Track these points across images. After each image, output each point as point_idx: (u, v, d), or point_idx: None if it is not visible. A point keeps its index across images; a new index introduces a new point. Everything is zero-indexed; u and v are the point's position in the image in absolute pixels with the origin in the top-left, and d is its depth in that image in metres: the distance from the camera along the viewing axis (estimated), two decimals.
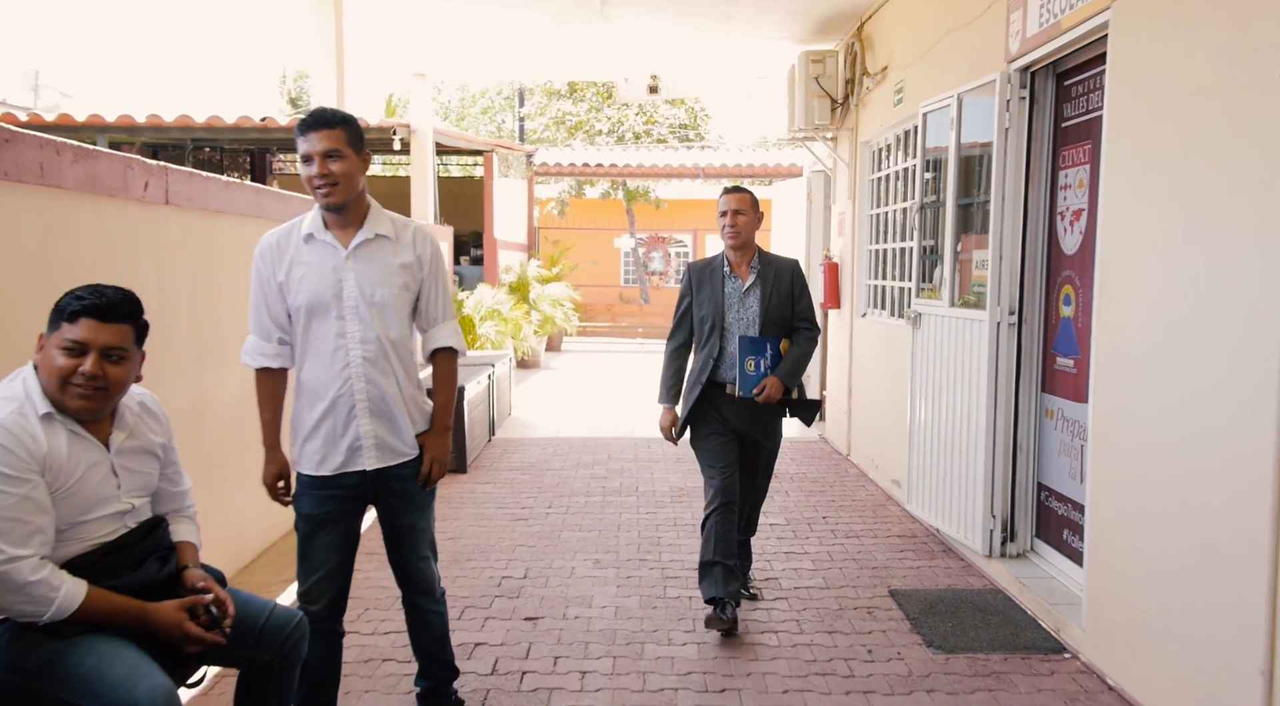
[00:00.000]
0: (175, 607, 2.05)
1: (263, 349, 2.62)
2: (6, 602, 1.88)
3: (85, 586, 1.96)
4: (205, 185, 4.17)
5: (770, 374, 3.75)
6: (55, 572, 1.93)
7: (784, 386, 3.76)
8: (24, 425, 1.95)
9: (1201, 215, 2.83)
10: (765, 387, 3.72)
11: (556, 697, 3.20)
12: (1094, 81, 3.87)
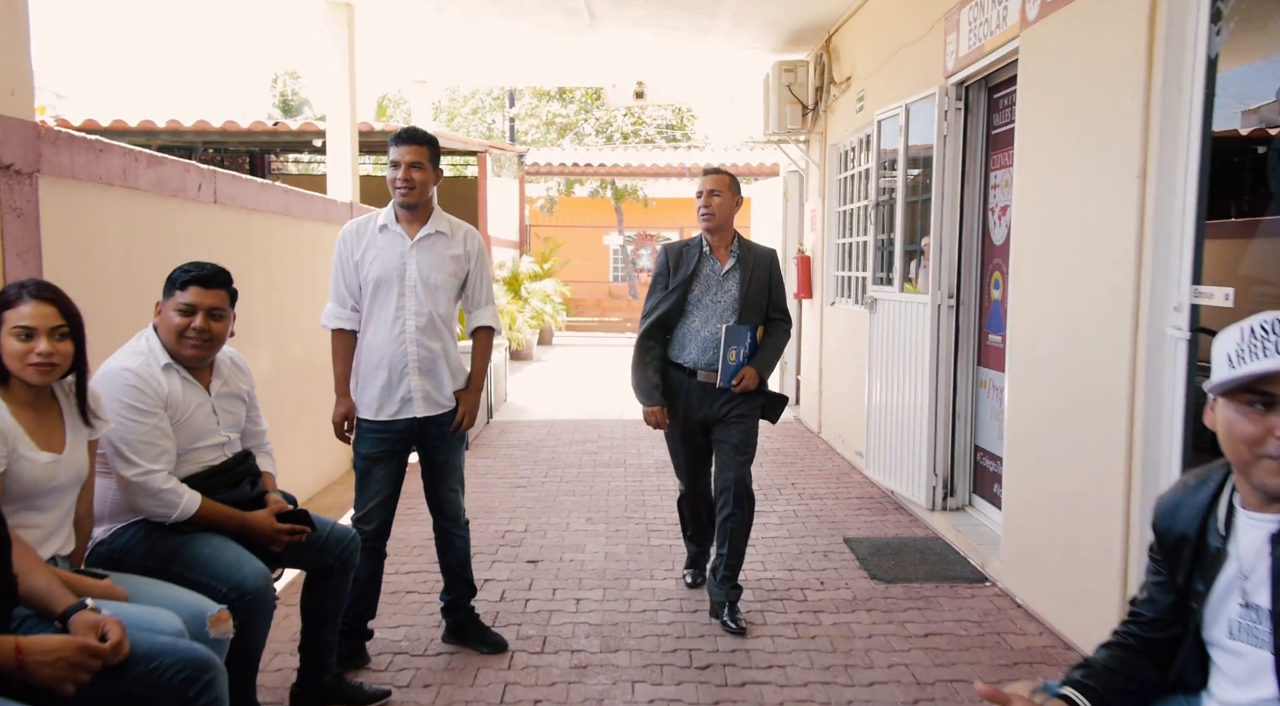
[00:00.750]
0: (267, 514, 2.65)
1: (339, 313, 3.23)
2: (144, 505, 2.48)
3: (200, 496, 2.56)
4: (245, 187, 4.76)
5: (748, 363, 3.73)
6: (178, 485, 2.53)
7: (760, 377, 3.73)
8: (150, 372, 2.55)
9: (1080, 208, 3.47)
10: (743, 378, 3.69)
11: (555, 617, 3.81)
12: (1016, 96, 4.50)
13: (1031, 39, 3.85)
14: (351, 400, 3.24)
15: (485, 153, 12.98)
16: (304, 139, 9.67)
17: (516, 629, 3.66)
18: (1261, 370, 1.42)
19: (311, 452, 5.66)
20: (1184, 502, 1.68)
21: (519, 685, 3.19)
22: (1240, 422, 1.47)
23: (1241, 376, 1.44)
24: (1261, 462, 1.47)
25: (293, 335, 5.38)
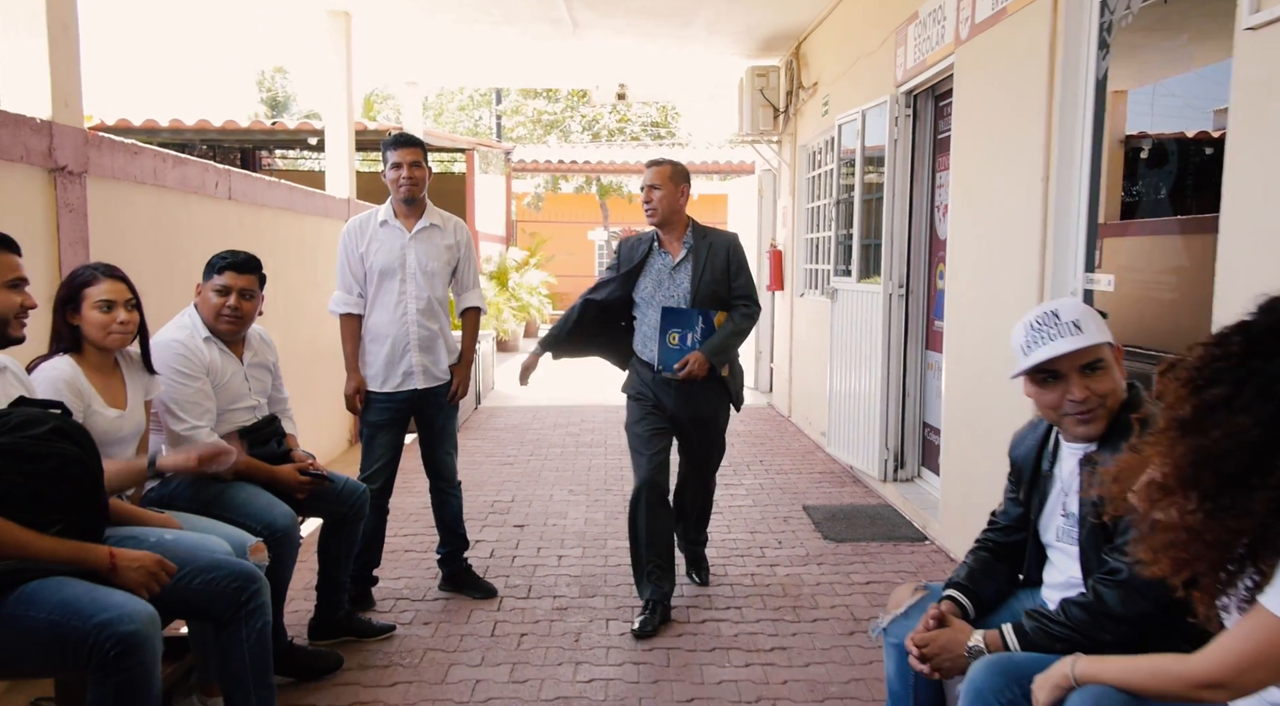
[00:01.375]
0: (291, 468, 3.10)
1: (346, 300, 3.68)
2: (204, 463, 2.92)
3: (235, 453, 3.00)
4: (255, 185, 5.19)
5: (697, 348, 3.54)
6: (219, 440, 2.97)
7: (709, 363, 3.50)
8: (194, 343, 2.99)
9: (1000, 206, 3.95)
10: (687, 363, 3.49)
11: (539, 570, 4.27)
12: None
13: (964, 56, 4.33)
14: (361, 375, 3.69)
15: (473, 150, 13.40)
16: (299, 137, 10.06)
17: (505, 579, 4.12)
18: (1042, 358, 1.90)
19: (314, 431, 6.08)
20: (1026, 437, 2.17)
21: (507, 622, 3.65)
22: (1041, 395, 1.96)
23: (1030, 364, 1.92)
24: (1065, 419, 1.95)
25: (297, 322, 5.81)
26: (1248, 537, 1.28)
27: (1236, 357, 1.31)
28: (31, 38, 3.24)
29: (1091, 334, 1.88)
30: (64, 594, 2.02)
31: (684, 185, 3.68)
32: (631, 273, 3.68)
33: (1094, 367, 1.91)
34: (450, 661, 3.29)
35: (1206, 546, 1.31)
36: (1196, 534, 1.31)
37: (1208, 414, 1.30)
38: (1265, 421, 1.26)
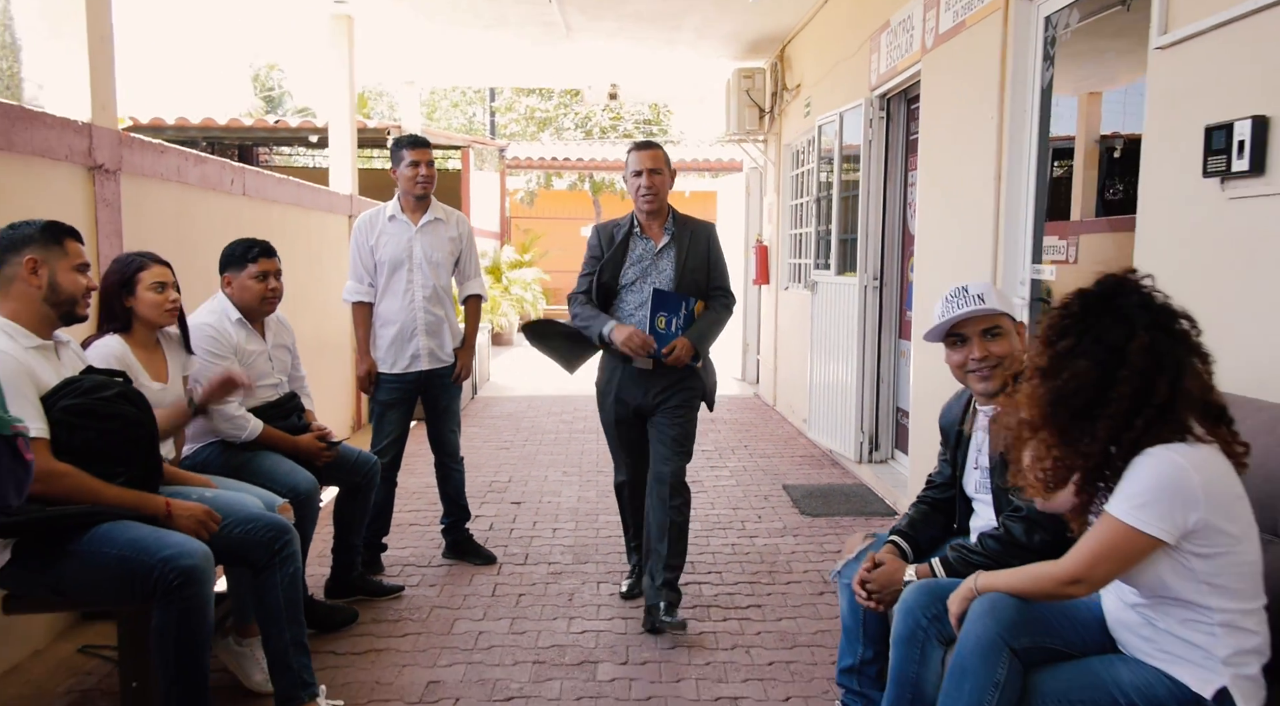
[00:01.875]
0: (310, 438, 3.42)
1: (358, 289, 3.99)
2: (222, 428, 3.23)
3: (261, 423, 3.32)
4: (266, 181, 5.50)
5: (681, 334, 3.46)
6: (247, 413, 3.28)
7: (694, 350, 3.44)
8: (224, 326, 3.30)
9: (960, 202, 4.29)
10: (675, 348, 3.41)
11: (535, 541, 4.60)
12: None
13: (929, 63, 4.67)
14: (373, 358, 4.01)
15: (468, 147, 13.70)
16: (300, 135, 10.35)
17: (503, 549, 4.44)
18: (947, 321, 2.26)
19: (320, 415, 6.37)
20: (952, 407, 2.52)
21: (506, 585, 3.98)
22: (951, 355, 2.33)
23: (942, 326, 2.28)
24: (969, 376, 2.31)
25: (303, 312, 6.11)
26: (1096, 459, 1.63)
27: (1076, 317, 1.66)
28: (74, 46, 3.55)
29: (992, 304, 2.25)
30: (131, 534, 2.34)
31: (674, 171, 3.65)
32: (615, 258, 3.53)
33: (993, 333, 2.30)
34: (455, 617, 3.62)
35: (1067, 469, 1.65)
36: (1059, 460, 1.65)
37: (1058, 361, 1.65)
38: (1100, 363, 1.62)
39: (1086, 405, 1.63)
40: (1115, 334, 1.66)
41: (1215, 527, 1.62)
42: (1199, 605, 1.66)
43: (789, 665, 3.21)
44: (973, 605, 1.83)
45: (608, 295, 3.58)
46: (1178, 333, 1.69)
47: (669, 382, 3.52)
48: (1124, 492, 1.65)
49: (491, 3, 7.00)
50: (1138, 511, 1.62)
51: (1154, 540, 1.62)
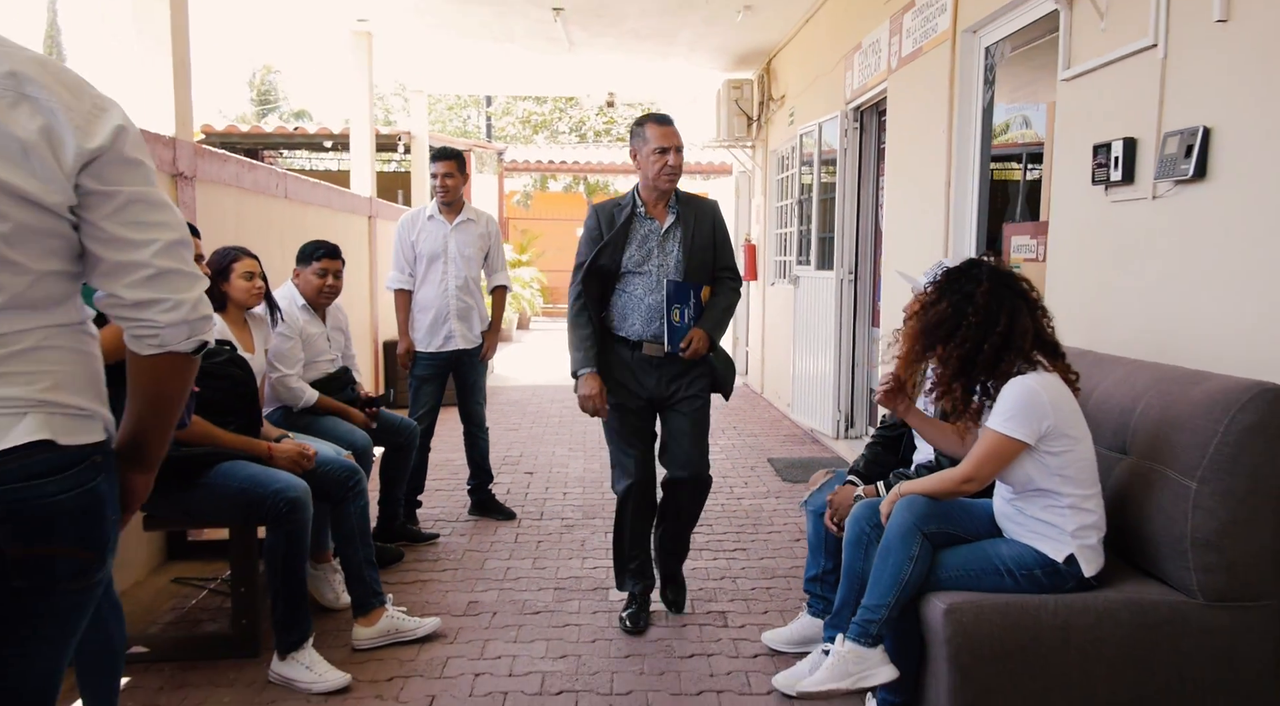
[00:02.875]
0: (358, 414, 4.04)
1: (399, 278, 4.62)
2: (284, 396, 3.84)
3: (317, 393, 3.94)
4: (303, 186, 6.12)
5: (695, 326, 3.33)
6: (305, 384, 3.90)
7: (710, 341, 3.34)
8: (291, 311, 3.91)
9: (917, 206, 4.93)
10: (691, 340, 3.29)
11: (548, 501, 5.23)
12: None
13: (894, 82, 5.31)
14: (411, 338, 4.63)
15: (469, 151, 14.32)
16: (315, 141, 10.95)
17: (521, 508, 5.07)
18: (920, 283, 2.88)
19: None
20: None
21: (526, 534, 4.60)
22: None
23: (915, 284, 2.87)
24: None
25: None
26: (962, 379, 2.28)
27: (943, 283, 2.32)
28: (160, 73, 4.17)
29: None
30: (247, 471, 2.97)
31: None
32: (616, 240, 3.33)
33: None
34: (485, 557, 4.25)
35: (947, 387, 2.31)
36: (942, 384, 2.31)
37: (928, 309, 2.31)
38: (955, 305, 2.29)
39: (947, 333, 2.32)
40: (968, 286, 2.37)
41: (1061, 432, 2.27)
42: (1054, 492, 2.31)
43: (768, 590, 3.85)
44: (896, 505, 2.47)
45: (606, 279, 3.36)
46: (1015, 288, 2.36)
47: (681, 370, 3.36)
48: (996, 411, 2.30)
49: (501, 20, 7.63)
50: (1007, 423, 2.27)
51: (1020, 443, 2.27)
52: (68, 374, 1.36)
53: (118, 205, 1.35)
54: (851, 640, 2.42)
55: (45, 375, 1.32)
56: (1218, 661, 2.29)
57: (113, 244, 1.36)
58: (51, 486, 1.30)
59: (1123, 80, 3.01)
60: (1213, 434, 2.24)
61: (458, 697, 2.89)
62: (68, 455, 1.33)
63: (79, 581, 1.36)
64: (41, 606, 1.32)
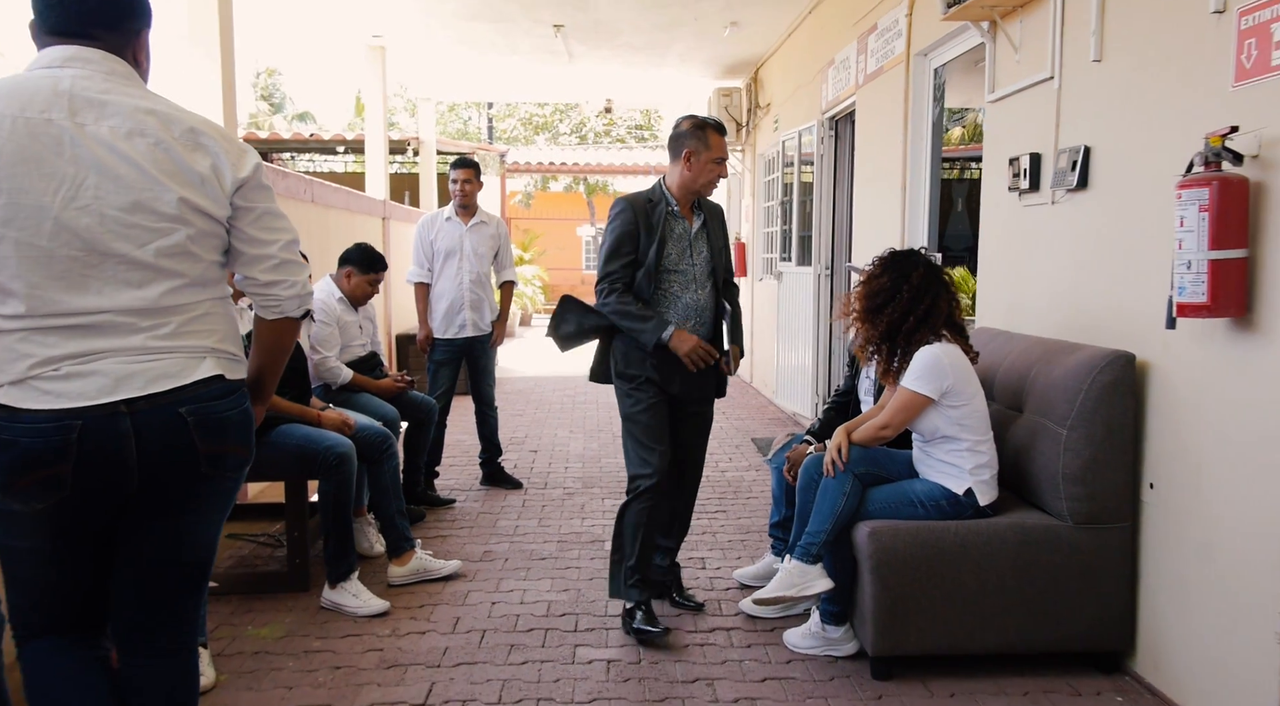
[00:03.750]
0: (390, 382, 4.64)
1: (419, 272, 5.21)
2: (325, 375, 4.44)
3: (351, 372, 4.53)
4: (326, 190, 6.72)
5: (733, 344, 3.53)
6: (341, 365, 4.49)
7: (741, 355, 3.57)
8: (329, 302, 4.51)
9: (880, 206, 5.52)
10: (729, 356, 3.50)
11: (551, 474, 5.82)
12: None
13: (861, 96, 5.91)
14: (429, 326, 5.23)
15: (473, 153, 14.93)
16: (330, 146, 11.56)
17: (527, 479, 5.67)
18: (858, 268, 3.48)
19: None
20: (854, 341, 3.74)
21: (532, 501, 5.20)
22: None
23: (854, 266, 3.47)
24: None
25: None
26: (887, 342, 2.88)
27: (887, 261, 2.94)
28: (210, 87, 4.76)
29: None
30: (302, 431, 3.57)
31: None
32: (659, 238, 3.30)
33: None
34: (496, 518, 4.85)
35: (877, 349, 2.90)
36: (872, 342, 2.91)
37: (872, 280, 2.92)
38: (894, 281, 2.90)
39: (882, 304, 2.92)
40: (907, 268, 2.98)
41: (958, 391, 2.86)
42: (955, 439, 2.90)
43: (742, 541, 4.44)
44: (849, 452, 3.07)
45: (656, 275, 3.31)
46: (941, 279, 2.96)
47: (701, 372, 3.38)
48: (908, 373, 2.90)
49: (506, 37, 8.22)
50: (916, 382, 2.87)
51: (926, 398, 2.87)
52: (226, 332, 1.95)
53: (256, 215, 1.94)
54: (796, 559, 3.01)
55: (214, 332, 1.91)
56: (1083, 571, 2.88)
57: (252, 242, 1.95)
58: (223, 405, 1.89)
59: (1031, 104, 3.60)
60: (1079, 391, 2.84)
61: (478, 619, 3.49)
62: (231, 385, 1.92)
63: (236, 472, 1.95)
64: (214, 488, 1.91)
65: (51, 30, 1.83)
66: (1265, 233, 2.37)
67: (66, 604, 1.91)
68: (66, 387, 1.74)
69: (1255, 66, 2.37)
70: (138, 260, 1.79)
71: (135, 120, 1.78)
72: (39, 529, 1.81)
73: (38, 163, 1.71)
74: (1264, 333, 2.38)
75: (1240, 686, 2.47)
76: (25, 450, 1.73)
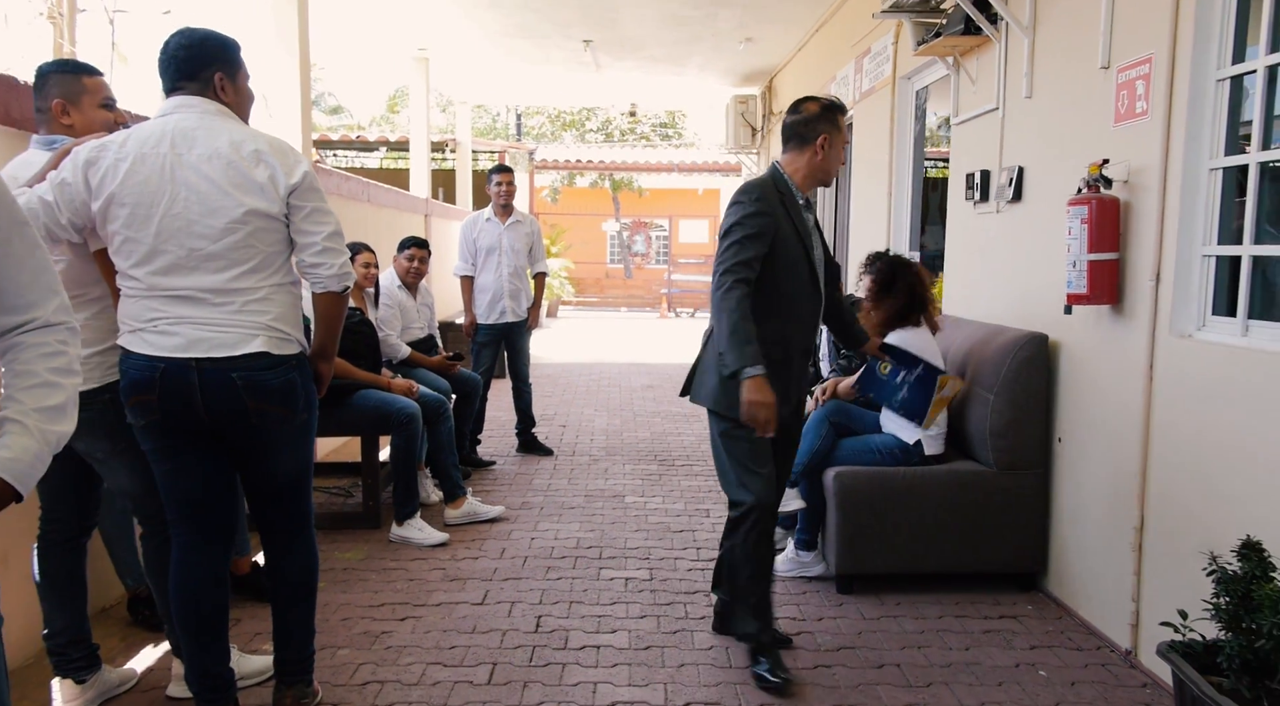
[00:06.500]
0: (441, 358, 5.42)
1: (464, 267, 5.99)
2: (387, 351, 5.21)
3: (409, 348, 5.31)
4: (380, 191, 7.52)
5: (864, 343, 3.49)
6: (401, 342, 5.27)
7: None
8: (391, 288, 5.29)
9: (872, 209, 6.24)
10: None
11: (578, 444, 6.59)
12: None
13: (857, 111, 6.62)
14: (473, 313, 6.01)
15: (504, 152, 15.73)
16: (373, 147, 12.38)
17: (558, 447, 6.44)
18: None
19: None
20: None
21: (562, 465, 5.97)
22: None
23: None
24: None
25: None
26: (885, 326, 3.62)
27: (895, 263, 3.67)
28: (290, 107, 5.55)
29: None
30: (377, 396, 4.35)
31: None
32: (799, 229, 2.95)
33: None
34: (531, 477, 5.62)
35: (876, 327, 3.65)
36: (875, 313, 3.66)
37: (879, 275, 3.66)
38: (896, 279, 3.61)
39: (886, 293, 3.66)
40: (904, 273, 3.71)
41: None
42: None
43: None
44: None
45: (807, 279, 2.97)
46: (924, 283, 3.68)
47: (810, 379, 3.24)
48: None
49: (539, 50, 8.98)
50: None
51: None
52: (280, 313, 2.57)
53: (305, 213, 2.59)
54: None
55: (269, 312, 2.53)
56: (1006, 507, 3.61)
57: (301, 233, 2.58)
58: (267, 375, 2.52)
59: (983, 129, 4.31)
60: (1003, 364, 3.57)
61: (521, 548, 4.26)
62: (275, 359, 2.54)
63: (285, 422, 2.56)
64: (274, 435, 2.55)
65: (165, 88, 2.53)
66: (1131, 240, 3.08)
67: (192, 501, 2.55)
68: (158, 340, 2.44)
69: (1126, 112, 3.09)
70: (212, 252, 2.45)
71: (214, 148, 2.46)
72: (151, 436, 2.51)
73: (150, 184, 2.42)
74: (1130, 317, 3.10)
75: (1111, 588, 3.20)
76: (131, 379, 2.45)
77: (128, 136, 2.43)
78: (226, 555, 2.65)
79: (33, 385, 1.57)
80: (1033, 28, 3.81)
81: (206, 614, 2.55)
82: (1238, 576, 2.21)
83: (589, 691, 2.94)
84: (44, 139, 2.66)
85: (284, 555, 2.72)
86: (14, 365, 1.59)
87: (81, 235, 2.50)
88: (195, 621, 2.53)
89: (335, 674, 3.03)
